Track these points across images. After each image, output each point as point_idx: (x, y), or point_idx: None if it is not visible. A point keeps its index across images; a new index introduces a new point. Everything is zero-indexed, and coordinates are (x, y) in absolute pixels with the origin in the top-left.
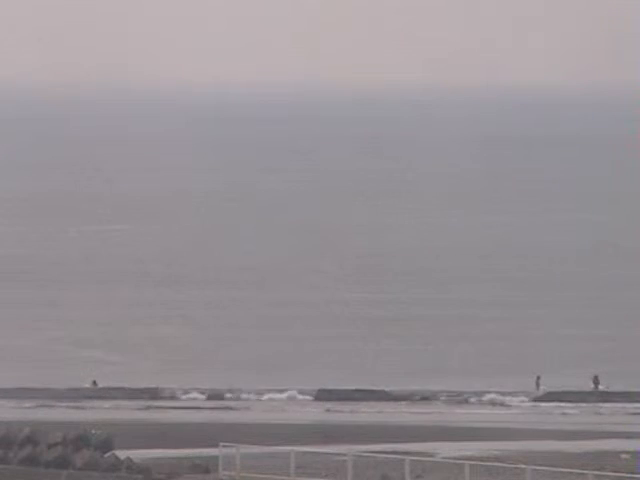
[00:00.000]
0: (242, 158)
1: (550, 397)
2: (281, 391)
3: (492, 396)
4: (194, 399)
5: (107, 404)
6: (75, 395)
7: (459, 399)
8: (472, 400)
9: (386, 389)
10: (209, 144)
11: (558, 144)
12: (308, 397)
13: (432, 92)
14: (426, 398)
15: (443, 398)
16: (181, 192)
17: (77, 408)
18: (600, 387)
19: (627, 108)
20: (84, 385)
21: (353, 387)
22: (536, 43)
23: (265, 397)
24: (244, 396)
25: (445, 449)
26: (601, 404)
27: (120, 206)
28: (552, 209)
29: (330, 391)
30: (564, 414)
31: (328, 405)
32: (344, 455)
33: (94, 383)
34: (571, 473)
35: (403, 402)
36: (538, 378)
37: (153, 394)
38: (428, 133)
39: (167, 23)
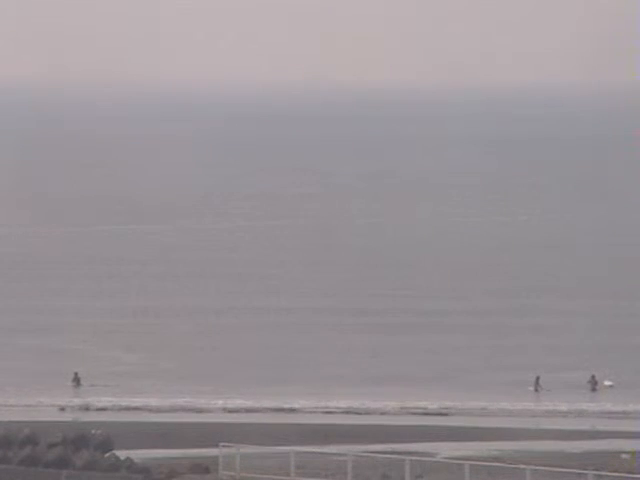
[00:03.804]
0: (242, 158)
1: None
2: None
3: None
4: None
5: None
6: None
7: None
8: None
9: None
10: (209, 144)
11: (558, 144)
12: None
13: (432, 92)
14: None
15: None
16: (181, 193)
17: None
18: (606, 383)
19: (627, 108)
20: (67, 382)
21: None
22: (536, 43)
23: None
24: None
25: (445, 449)
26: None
27: (121, 206)
28: (552, 210)
29: None
30: (564, 415)
31: None
32: (344, 455)
33: (75, 375)
34: (571, 473)
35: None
36: (537, 378)
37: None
38: (429, 133)
39: (167, 23)
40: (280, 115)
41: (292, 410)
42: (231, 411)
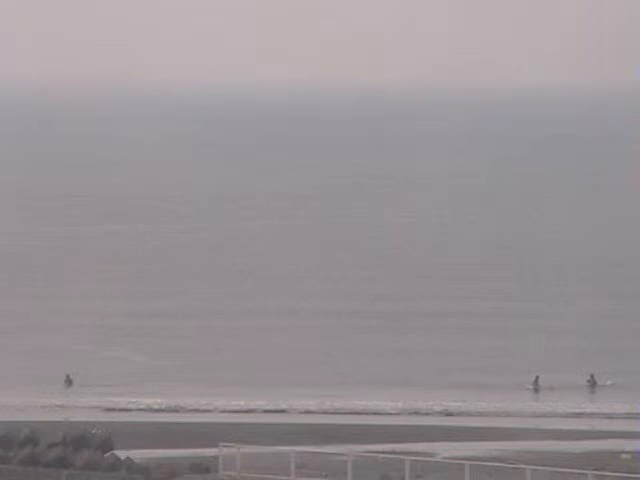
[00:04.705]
0: (242, 158)
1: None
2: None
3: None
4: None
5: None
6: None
7: None
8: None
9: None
10: (209, 144)
11: (558, 144)
12: None
13: (432, 92)
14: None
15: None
16: (180, 193)
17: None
18: (608, 382)
19: (627, 108)
20: (57, 384)
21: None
22: (536, 43)
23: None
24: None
25: (445, 449)
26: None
27: (120, 206)
28: (552, 210)
29: None
30: (564, 415)
31: None
32: (344, 455)
33: (67, 378)
34: (571, 473)
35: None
36: (537, 378)
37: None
38: (429, 133)
39: (166, 22)
40: (280, 115)
41: (292, 410)
42: (231, 411)
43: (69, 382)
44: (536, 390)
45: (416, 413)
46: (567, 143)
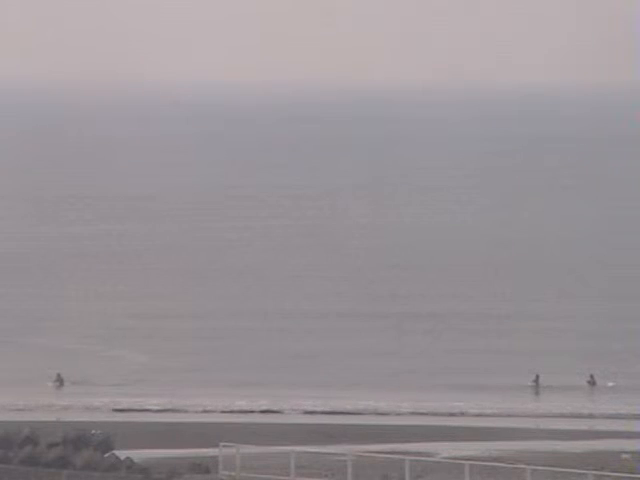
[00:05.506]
0: (242, 158)
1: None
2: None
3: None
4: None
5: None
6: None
7: None
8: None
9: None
10: (208, 144)
11: (558, 144)
12: None
13: (432, 92)
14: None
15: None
16: (180, 193)
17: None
18: (609, 384)
19: (627, 108)
20: (47, 383)
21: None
22: (536, 43)
23: None
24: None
25: (445, 449)
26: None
27: (120, 206)
28: (552, 209)
29: None
30: (564, 414)
31: None
32: (344, 455)
33: (58, 377)
34: (571, 473)
35: None
36: (537, 378)
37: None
38: (428, 133)
39: (165, 22)
40: (280, 115)
41: (292, 410)
42: (231, 411)
43: (60, 381)
44: (536, 390)
45: (416, 413)
46: (567, 143)
